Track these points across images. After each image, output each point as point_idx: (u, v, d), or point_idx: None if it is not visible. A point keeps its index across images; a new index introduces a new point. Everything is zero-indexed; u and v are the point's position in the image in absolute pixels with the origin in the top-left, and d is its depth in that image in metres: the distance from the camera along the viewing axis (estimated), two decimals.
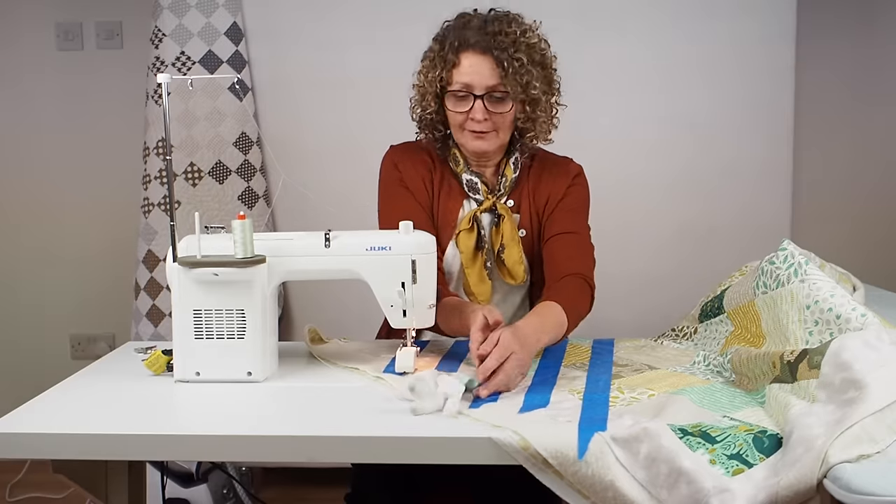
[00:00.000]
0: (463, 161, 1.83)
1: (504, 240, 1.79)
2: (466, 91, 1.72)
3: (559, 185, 1.84)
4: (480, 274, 1.79)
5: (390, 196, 1.84)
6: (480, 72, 1.71)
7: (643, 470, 1.17)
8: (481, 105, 1.72)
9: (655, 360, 1.60)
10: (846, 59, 2.82)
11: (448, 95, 1.76)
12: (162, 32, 2.61)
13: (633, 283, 2.69)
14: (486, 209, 1.81)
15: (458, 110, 1.75)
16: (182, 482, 2.48)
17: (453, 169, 1.84)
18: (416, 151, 1.87)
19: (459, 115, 1.75)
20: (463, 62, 1.72)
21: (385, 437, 1.26)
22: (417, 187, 1.82)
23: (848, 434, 1.10)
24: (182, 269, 1.48)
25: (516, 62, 1.70)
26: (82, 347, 3.11)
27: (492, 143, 1.77)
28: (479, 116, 1.72)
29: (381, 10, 2.63)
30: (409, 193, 1.82)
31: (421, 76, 1.81)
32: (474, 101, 1.72)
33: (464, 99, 1.73)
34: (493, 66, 1.70)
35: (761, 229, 2.64)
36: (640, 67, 2.63)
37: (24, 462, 2.86)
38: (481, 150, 1.78)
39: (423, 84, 1.79)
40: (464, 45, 1.72)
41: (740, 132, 2.64)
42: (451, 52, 1.73)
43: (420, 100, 1.82)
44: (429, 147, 1.88)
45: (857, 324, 1.33)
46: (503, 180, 1.82)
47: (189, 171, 2.61)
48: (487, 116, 1.73)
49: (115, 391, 1.48)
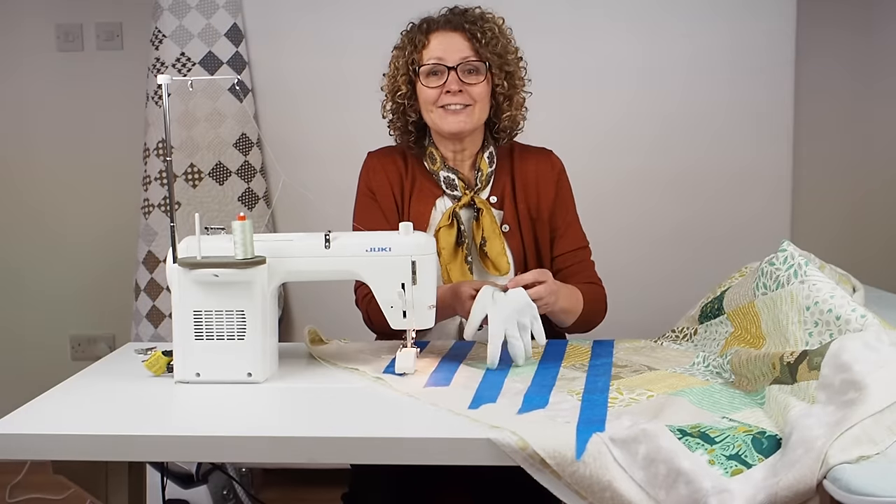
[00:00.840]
0: (440, 158, 1.84)
1: (485, 233, 1.81)
2: (439, 63, 1.75)
3: (547, 185, 1.87)
4: (462, 268, 1.81)
5: (359, 203, 1.89)
6: (451, 46, 1.76)
7: (641, 470, 1.17)
8: (455, 76, 1.75)
9: (655, 361, 1.60)
10: (846, 58, 2.82)
11: (421, 73, 1.78)
12: (162, 34, 2.61)
13: (633, 283, 2.68)
14: (465, 204, 1.83)
15: (431, 85, 1.77)
16: (182, 483, 2.48)
17: (430, 168, 1.86)
18: (389, 156, 1.90)
19: (433, 91, 1.77)
20: (433, 41, 1.77)
21: (385, 438, 1.26)
22: (385, 195, 1.86)
23: (848, 435, 1.10)
24: (182, 270, 1.49)
25: (488, 32, 1.76)
26: (82, 348, 3.11)
27: (468, 120, 1.78)
28: (454, 87, 1.75)
29: (381, 11, 2.63)
30: (375, 203, 1.86)
31: (391, 65, 1.84)
32: (448, 73, 1.75)
33: (436, 74, 1.76)
34: (465, 39, 1.76)
35: (761, 230, 2.64)
36: (639, 66, 2.62)
37: (25, 463, 2.86)
38: (457, 128, 1.78)
39: (394, 70, 1.83)
40: (432, 26, 1.79)
41: (740, 132, 2.64)
42: (420, 34, 1.78)
43: (391, 85, 1.84)
44: (404, 150, 1.90)
45: (857, 325, 1.33)
46: (479, 174, 1.85)
47: (189, 173, 2.61)
48: (462, 87, 1.75)
49: (115, 392, 1.48)
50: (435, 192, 1.86)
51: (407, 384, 1.47)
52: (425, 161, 1.87)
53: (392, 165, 1.88)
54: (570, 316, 1.77)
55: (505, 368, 1.56)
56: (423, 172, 1.87)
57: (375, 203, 1.87)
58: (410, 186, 1.87)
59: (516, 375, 1.52)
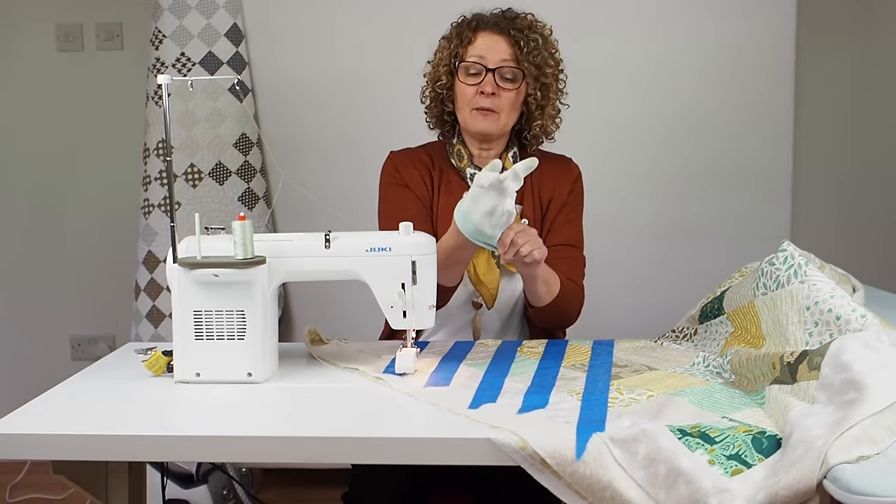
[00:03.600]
0: (467, 156, 1.88)
1: None
2: (480, 63, 1.80)
3: (563, 185, 1.91)
4: (489, 263, 1.84)
5: (390, 196, 1.90)
6: (494, 48, 1.80)
7: (641, 470, 1.17)
8: (492, 79, 1.79)
9: (655, 360, 1.60)
10: (846, 59, 2.82)
11: (461, 68, 1.83)
12: (162, 34, 2.61)
13: (633, 283, 2.69)
14: None
15: (468, 82, 1.81)
16: (182, 483, 2.48)
17: (456, 164, 1.90)
18: (415, 153, 1.93)
19: (470, 89, 1.81)
20: (478, 39, 1.82)
21: (385, 438, 1.26)
22: (417, 184, 1.89)
23: (848, 435, 1.10)
24: (182, 270, 1.49)
25: (532, 42, 1.80)
26: (82, 348, 3.11)
27: (495, 125, 1.83)
28: (488, 89, 1.79)
29: (381, 11, 2.63)
30: (409, 191, 1.88)
31: (437, 54, 1.90)
32: (485, 74, 1.79)
33: (476, 74, 1.81)
34: (508, 44, 1.80)
35: (761, 230, 2.64)
36: (639, 67, 2.63)
37: (25, 463, 2.86)
38: (486, 130, 1.83)
39: (438, 60, 1.88)
40: (481, 24, 1.83)
41: (740, 132, 2.64)
42: (468, 30, 1.83)
43: (433, 74, 1.89)
44: (428, 150, 1.94)
45: (857, 325, 1.33)
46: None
47: (189, 173, 2.61)
48: (496, 91, 1.79)
49: (115, 392, 1.48)
50: (462, 186, 1.88)
51: (407, 384, 1.47)
52: (452, 158, 1.90)
53: (419, 161, 1.91)
54: (542, 285, 1.75)
55: (505, 368, 1.56)
56: (450, 167, 1.91)
57: (408, 190, 1.88)
58: (439, 179, 1.90)
59: (516, 375, 1.52)
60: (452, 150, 1.91)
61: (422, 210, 1.86)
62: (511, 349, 1.69)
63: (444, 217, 1.86)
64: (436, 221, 1.88)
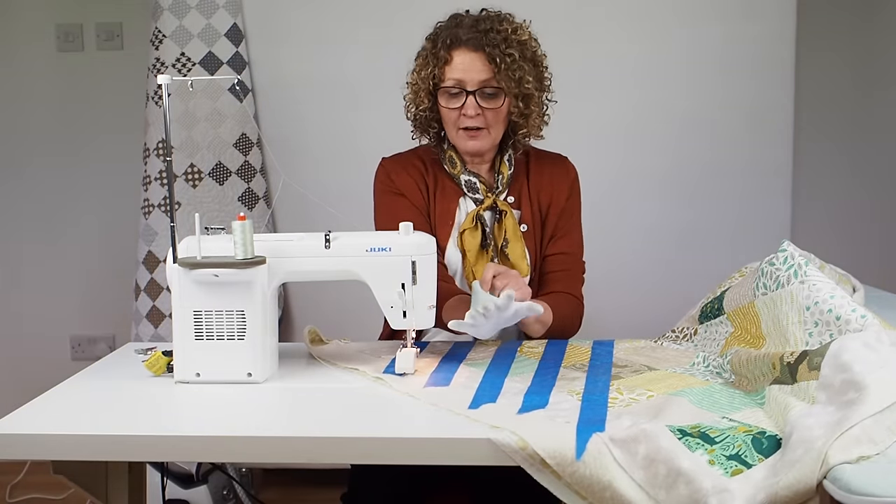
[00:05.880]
0: (460, 162, 1.86)
1: (507, 235, 1.83)
2: (459, 87, 1.76)
3: (561, 190, 1.90)
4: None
5: (386, 205, 1.88)
6: (472, 68, 1.75)
7: (641, 470, 1.17)
8: (473, 101, 1.76)
9: (655, 361, 1.60)
10: (846, 58, 2.82)
11: (441, 92, 1.79)
12: (162, 34, 2.61)
13: (633, 283, 2.69)
14: (488, 207, 1.84)
15: (450, 106, 1.79)
16: (182, 483, 2.48)
17: (449, 171, 1.88)
18: (408, 159, 1.91)
19: (452, 112, 1.79)
20: (455, 59, 1.76)
21: (385, 438, 1.26)
22: (412, 192, 1.87)
23: (848, 435, 1.10)
24: (182, 270, 1.49)
25: (508, 58, 1.74)
26: (82, 348, 3.11)
27: (484, 142, 1.81)
28: (470, 112, 1.76)
29: (380, 12, 2.64)
30: (404, 199, 1.86)
31: (414, 74, 1.85)
32: (466, 97, 1.76)
33: (456, 96, 1.78)
34: (485, 62, 1.75)
35: (761, 230, 2.64)
36: (639, 67, 2.63)
37: (25, 463, 2.86)
38: (475, 150, 1.82)
39: (417, 82, 1.83)
40: (456, 43, 1.76)
41: (740, 132, 2.64)
42: (444, 50, 1.77)
43: (413, 97, 1.86)
44: (420, 154, 1.92)
45: (857, 325, 1.33)
46: (500, 178, 1.87)
47: (189, 173, 2.61)
48: (479, 112, 1.77)
49: (115, 392, 1.48)
50: (457, 191, 1.87)
51: (407, 384, 1.47)
52: (445, 164, 1.88)
53: (412, 167, 1.89)
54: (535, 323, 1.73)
55: (505, 368, 1.56)
56: (444, 173, 1.89)
57: (403, 197, 1.86)
58: (433, 185, 1.88)
59: (516, 375, 1.52)
60: (444, 155, 1.88)
61: (418, 217, 1.84)
62: (511, 349, 1.69)
63: (441, 223, 1.85)
64: (433, 228, 1.86)
